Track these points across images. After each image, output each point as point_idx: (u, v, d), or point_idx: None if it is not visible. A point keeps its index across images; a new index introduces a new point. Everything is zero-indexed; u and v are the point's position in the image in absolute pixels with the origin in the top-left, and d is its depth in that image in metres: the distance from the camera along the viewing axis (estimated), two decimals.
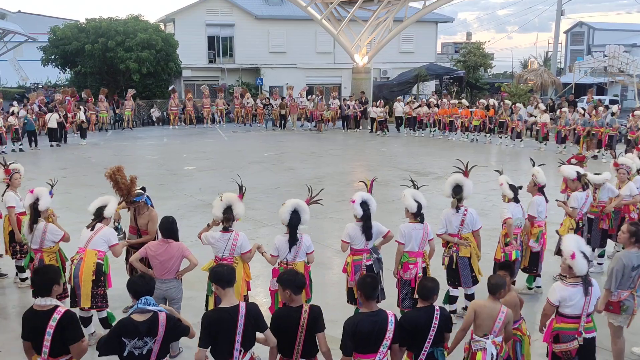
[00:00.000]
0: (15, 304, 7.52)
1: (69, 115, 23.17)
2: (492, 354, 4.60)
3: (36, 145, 20.97)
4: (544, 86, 32.22)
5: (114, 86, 29.62)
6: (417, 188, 6.52)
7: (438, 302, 4.74)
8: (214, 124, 28.13)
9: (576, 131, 18.83)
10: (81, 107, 23.59)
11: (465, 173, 6.95)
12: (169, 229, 5.86)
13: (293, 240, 5.85)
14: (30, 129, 20.94)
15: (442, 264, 6.85)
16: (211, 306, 5.82)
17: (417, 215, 6.25)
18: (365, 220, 6.11)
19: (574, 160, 9.62)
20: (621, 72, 29.46)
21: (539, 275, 7.65)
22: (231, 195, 6.00)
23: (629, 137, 17.59)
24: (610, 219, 8.40)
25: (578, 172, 7.99)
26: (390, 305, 5.65)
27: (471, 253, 6.73)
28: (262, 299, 7.04)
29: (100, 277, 6.10)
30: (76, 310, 6.23)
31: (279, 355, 4.48)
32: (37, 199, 6.67)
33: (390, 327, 4.30)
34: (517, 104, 21.84)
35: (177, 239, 5.92)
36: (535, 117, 20.92)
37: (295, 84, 29.37)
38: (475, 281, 6.76)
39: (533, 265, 7.48)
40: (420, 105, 24.85)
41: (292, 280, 4.44)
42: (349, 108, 26.55)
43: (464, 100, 24.39)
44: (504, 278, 4.96)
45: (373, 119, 25.69)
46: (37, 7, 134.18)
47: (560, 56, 46.72)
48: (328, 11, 27.86)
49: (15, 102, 23.14)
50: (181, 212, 11.27)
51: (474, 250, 6.74)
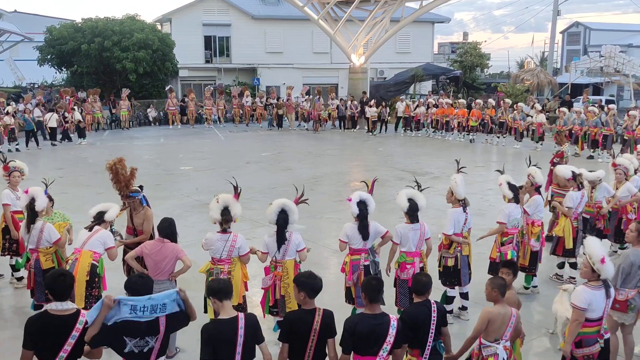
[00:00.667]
0: (11, 304, 7.50)
1: (67, 115, 23.13)
2: (502, 358, 4.59)
3: (37, 144, 20.98)
4: (540, 86, 32.27)
5: (111, 86, 29.56)
6: (421, 189, 6.49)
7: None
8: (215, 123, 28.12)
9: (573, 131, 18.90)
10: (75, 108, 23.56)
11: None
12: (168, 230, 5.83)
13: (281, 239, 5.85)
14: (29, 129, 20.96)
15: (443, 265, 6.77)
16: (210, 309, 5.80)
17: (409, 215, 6.22)
18: (362, 220, 6.10)
19: (556, 159, 9.66)
20: (617, 72, 29.47)
21: (535, 275, 7.67)
22: (227, 196, 5.97)
23: (625, 137, 17.65)
24: (606, 219, 8.42)
25: (573, 172, 8.01)
26: (389, 306, 5.67)
27: (469, 251, 6.82)
28: (259, 299, 7.03)
29: (95, 278, 6.06)
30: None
31: None
32: (33, 199, 6.63)
33: (392, 332, 4.23)
34: (520, 104, 21.83)
35: (175, 241, 5.89)
36: (532, 117, 20.94)
37: (292, 84, 29.35)
38: (470, 279, 6.82)
39: (532, 265, 7.49)
40: (418, 106, 24.88)
41: (308, 283, 4.37)
42: (346, 108, 26.57)
43: (462, 100, 24.37)
44: (505, 278, 4.96)
45: (368, 119, 25.74)
46: (33, 7, 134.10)
47: (556, 56, 46.74)
48: (325, 11, 27.86)
49: (12, 102, 23.13)
50: (178, 212, 11.27)
51: (470, 248, 6.84)
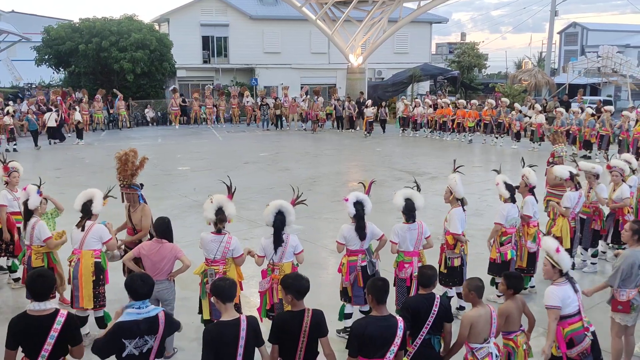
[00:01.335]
0: (10, 304, 7.48)
1: (63, 115, 23.13)
2: (495, 355, 4.64)
3: (36, 144, 20.97)
4: (537, 86, 32.31)
5: (108, 86, 29.49)
6: (419, 190, 6.48)
7: None
8: (216, 123, 28.15)
9: (571, 132, 18.93)
10: (77, 107, 23.54)
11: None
12: (164, 229, 5.82)
13: (278, 241, 5.80)
14: (32, 129, 21.05)
15: (449, 266, 6.73)
16: (206, 310, 5.80)
17: (406, 215, 6.21)
18: (358, 220, 6.09)
19: (550, 159, 9.67)
20: (615, 73, 29.56)
21: (533, 275, 7.68)
22: (221, 197, 5.95)
23: (619, 138, 17.68)
24: (602, 220, 8.42)
25: (571, 172, 8.02)
26: (388, 305, 5.66)
27: (467, 250, 6.88)
28: (256, 299, 7.02)
29: (100, 275, 6.12)
30: (71, 310, 6.26)
31: None
32: (28, 198, 6.72)
33: (399, 333, 4.25)
34: (515, 104, 21.84)
35: (171, 240, 5.88)
36: (530, 117, 20.96)
37: (289, 84, 29.36)
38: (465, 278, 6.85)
39: (530, 265, 7.48)
40: (416, 106, 24.90)
41: (295, 285, 4.38)
42: (343, 109, 26.56)
43: (462, 101, 24.38)
44: (500, 286, 4.99)
45: (364, 120, 25.70)
46: (30, 7, 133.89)
47: (554, 56, 46.94)
48: (323, 11, 27.89)
49: (11, 102, 23.13)
50: (175, 213, 11.26)
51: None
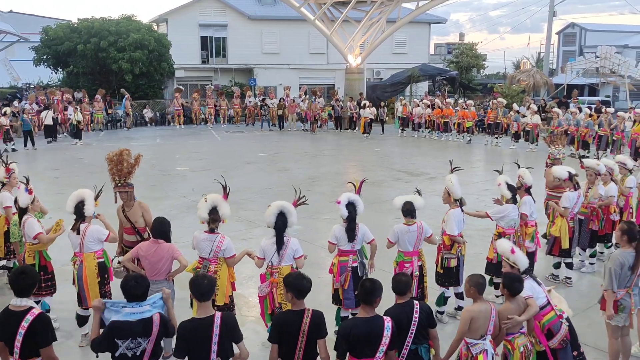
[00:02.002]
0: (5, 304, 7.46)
1: (59, 115, 23.15)
2: (491, 353, 4.64)
3: (33, 144, 20.92)
4: (536, 87, 32.35)
5: (107, 86, 29.50)
6: (420, 195, 6.50)
7: (431, 304, 4.73)
8: (215, 123, 28.11)
9: (569, 132, 18.96)
10: (78, 107, 23.52)
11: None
12: (161, 230, 5.80)
13: (279, 243, 5.73)
14: (26, 129, 20.96)
15: (445, 267, 6.74)
16: (195, 306, 5.80)
17: (405, 215, 6.24)
18: (350, 222, 6.09)
19: (548, 160, 9.69)
20: (613, 73, 29.62)
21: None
22: (215, 196, 5.93)
23: (614, 138, 17.76)
24: (600, 220, 8.42)
25: (569, 172, 8.03)
26: (388, 305, 5.65)
27: (465, 251, 6.87)
28: (254, 299, 7.02)
29: (105, 274, 6.17)
30: (75, 309, 6.26)
31: None
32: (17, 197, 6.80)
33: (387, 333, 4.25)
34: (514, 105, 21.86)
35: (168, 240, 5.88)
36: (526, 117, 20.97)
37: (288, 85, 29.34)
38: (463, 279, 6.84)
39: (530, 266, 7.48)
40: (416, 106, 24.88)
41: (296, 284, 4.40)
42: (342, 109, 26.55)
43: (460, 101, 24.43)
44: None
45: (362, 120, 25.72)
46: (29, 7, 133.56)
47: (552, 57, 46.95)
48: (321, 12, 27.89)
49: (14, 102, 23.16)
50: (174, 213, 11.26)
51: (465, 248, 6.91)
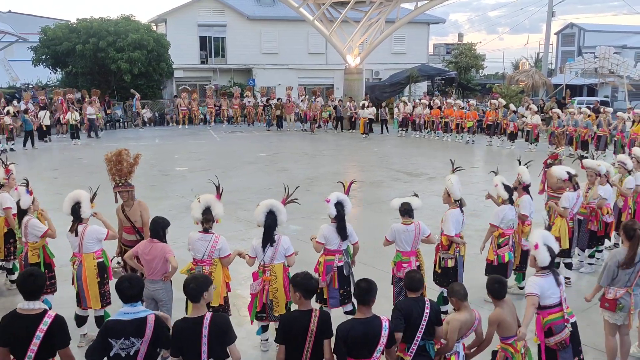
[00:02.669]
0: (7, 305, 7.45)
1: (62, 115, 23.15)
2: (462, 355, 4.71)
3: (33, 144, 20.92)
4: (535, 87, 32.32)
5: (106, 87, 29.48)
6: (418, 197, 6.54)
7: None
8: (214, 123, 28.04)
9: (568, 132, 18.98)
10: (75, 108, 23.53)
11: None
12: (156, 229, 5.85)
13: (267, 240, 5.76)
14: (28, 129, 21.00)
15: (442, 267, 6.76)
16: (190, 307, 5.80)
17: (402, 215, 6.28)
18: (340, 221, 6.13)
19: (550, 160, 9.70)
20: (611, 74, 29.58)
21: (524, 273, 7.69)
22: (209, 196, 5.93)
23: (615, 139, 17.77)
24: (599, 221, 8.43)
25: (569, 172, 8.02)
26: (388, 305, 5.66)
27: (464, 252, 6.88)
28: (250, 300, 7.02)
29: (104, 274, 6.17)
30: (74, 309, 6.24)
31: None
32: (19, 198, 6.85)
33: (384, 333, 4.25)
34: (510, 105, 21.88)
35: (163, 240, 5.88)
36: (526, 117, 20.98)
37: (287, 85, 29.35)
38: (462, 279, 6.85)
39: (524, 263, 7.49)
40: (415, 106, 24.90)
41: (303, 284, 4.39)
42: (342, 108, 26.54)
43: (459, 101, 24.45)
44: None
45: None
46: (27, 7, 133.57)
47: (551, 57, 46.93)
48: (320, 12, 27.87)
49: (15, 102, 23.18)
50: (173, 213, 11.24)
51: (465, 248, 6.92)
